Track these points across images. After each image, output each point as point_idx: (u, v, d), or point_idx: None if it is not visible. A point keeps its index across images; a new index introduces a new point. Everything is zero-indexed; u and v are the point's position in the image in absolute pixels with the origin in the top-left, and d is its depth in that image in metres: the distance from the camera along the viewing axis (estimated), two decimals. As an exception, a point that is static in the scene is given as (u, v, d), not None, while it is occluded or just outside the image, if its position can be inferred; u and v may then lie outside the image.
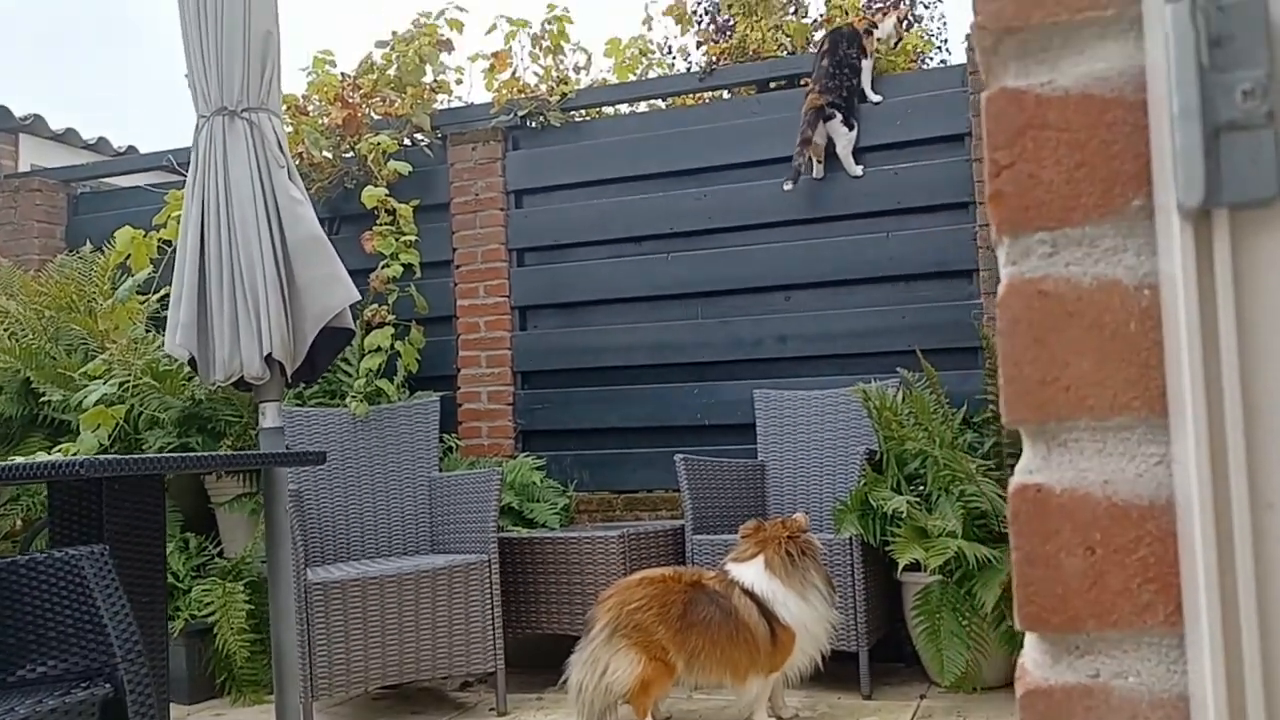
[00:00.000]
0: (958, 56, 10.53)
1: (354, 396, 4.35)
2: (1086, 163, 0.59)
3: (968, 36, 4.67)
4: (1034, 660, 0.61)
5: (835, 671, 3.48)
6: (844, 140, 4.38)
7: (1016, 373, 0.60)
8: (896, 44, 4.68)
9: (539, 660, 3.98)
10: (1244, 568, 0.51)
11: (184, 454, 4.06)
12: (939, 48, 11.44)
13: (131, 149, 6.65)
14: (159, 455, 3.29)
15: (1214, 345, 0.52)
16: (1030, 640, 0.61)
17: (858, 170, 4.39)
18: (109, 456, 2.98)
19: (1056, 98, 0.60)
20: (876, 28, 4.54)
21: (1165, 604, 0.57)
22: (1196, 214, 0.52)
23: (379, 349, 4.56)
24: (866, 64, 4.46)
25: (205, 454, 4.15)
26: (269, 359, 3.16)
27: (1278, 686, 0.51)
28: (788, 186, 4.42)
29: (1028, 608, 0.60)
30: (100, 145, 6.70)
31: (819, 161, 4.44)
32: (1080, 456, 0.59)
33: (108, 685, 1.93)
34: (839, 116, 4.37)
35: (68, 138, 6.47)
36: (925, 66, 6.12)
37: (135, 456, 2.53)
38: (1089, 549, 0.58)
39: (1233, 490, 0.51)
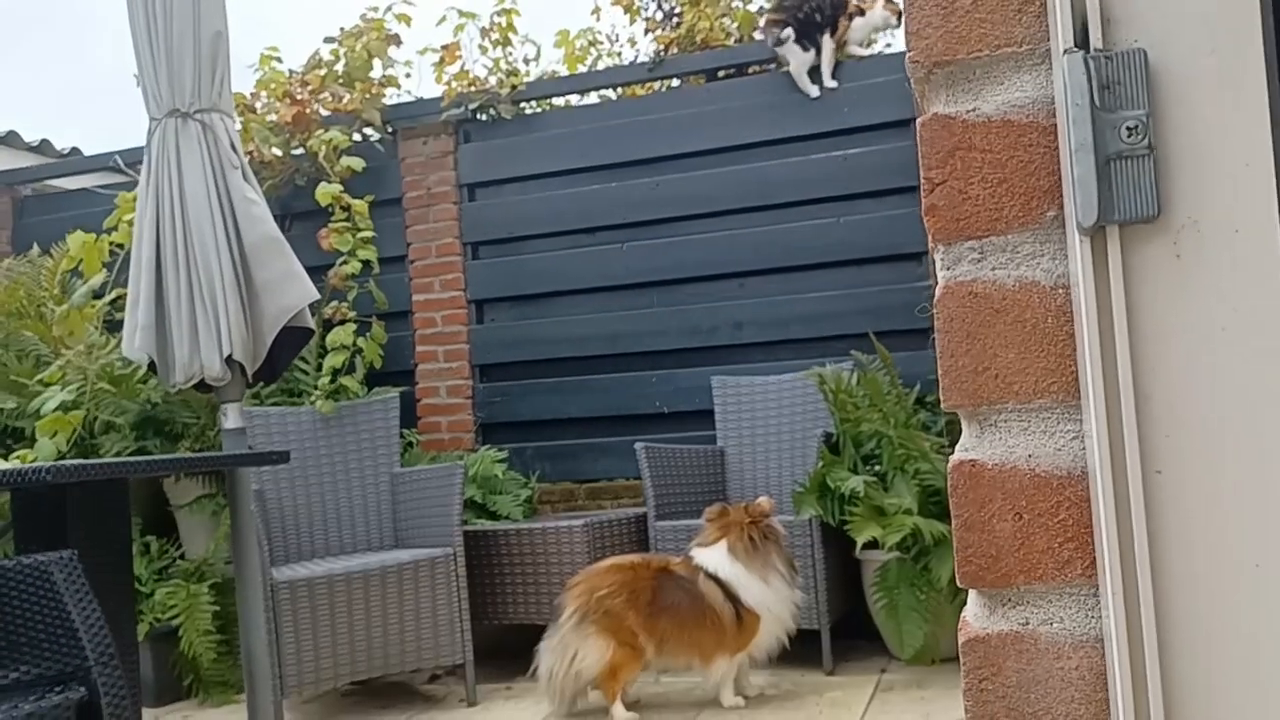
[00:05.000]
0: (902, 42, 10.64)
1: (319, 394, 4.36)
2: (1007, 180, 0.67)
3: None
4: (974, 613, 0.70)
5: (798, 649, 3.56)
6: (797, 59, 4.40)
7: (952, 364, 0.68)
8: (894, 21, 4.57)
9: (507, 650, 4.03)
10: (1139, 525, 0.59)
11: (149, 457, 4.03)
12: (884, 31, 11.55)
13: (75, 150, 6.56)
14: (124, 460, 3.28)
15: (1110, 338, 0.60)
16: (971, 596, 0.70)
17: (815, 91, 4.43)
18: (74, 462, 2.97)
19: (980, 123, 0.68)
20: (863, 14, 4.50)
21: (1082, 559, 0.65)
22: (1093, 230, 0.61)
23: (342, 346, 4.56)
24: (828, 41, 4.43)
25: (170, 456, 4.14)
26: (229, 360, 3.17)
27: (1169, 625, 0.59)
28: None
29: (966, 567, 0.68)
30: (43, 147, 6.59)
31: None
32: (1008, 435, 0.68)
33: (82, 689, 1.94)
34: (792, 35, 4.39)
35: (10, 140, 6.36)
36: (870, 52, 6.20)
37: (101, 461, 2.54)
38: (1017, 514, 0.67)
39: (1127, 459, 0.59)
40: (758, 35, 5.26)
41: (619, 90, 5.44)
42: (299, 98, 4.96)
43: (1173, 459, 0.60)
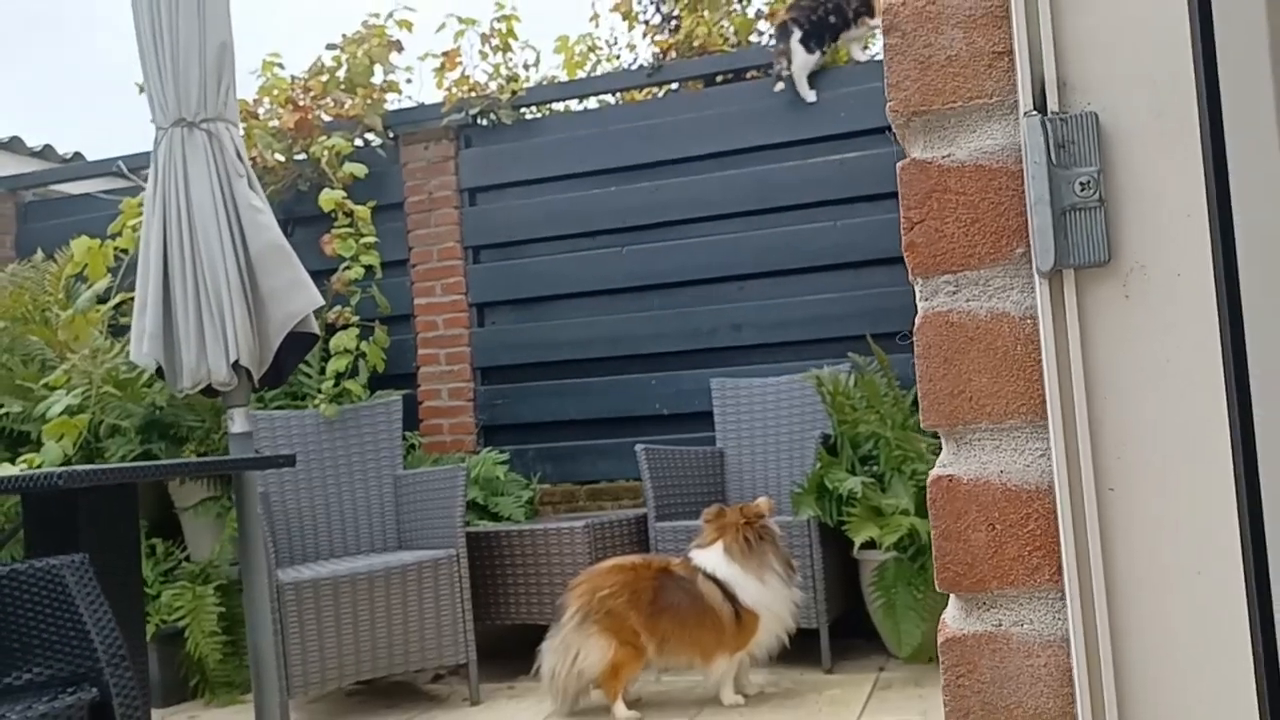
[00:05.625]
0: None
1: (323, 398, 4.41)
2: (979, 220, 0.74)
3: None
4: (952, 616, 0.76)
5: (798, 648, 3.60)
6: (799, 60, 4.48)
7: (931, 387, 0.75)
8: None
9: (509, 650, 4.07)
10: (1093, 536, 0.66)
11: (159, 462, 4.08)
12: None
13: (78, 155, 6.60)
14: (134, 464, 3.33)
15: (1067, 370, 0.68)
16: (950, 600, 0.76)
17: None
18: (85, 467, 3.02)
19: (955, 167, 0.74)
20: None
21: (1049, 566, 0.72)
22: (1051, 274, 0.69)
23: (345, 350, 4.61)
24: (874, 22, 4.48)
25: (179, 461, 4.18)
26: (235, 365, 3.21)
27: (1121, 626, 0.66)
28: (778, 88, 4.56)
29: (945, 574, 0.76)
30: (46, 153, 6.64)
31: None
32: (982, 452, 0.74)
33: (94, 689, 1.99)
34: (798, 34, 4.47)
35: (13, 145, 6.41)
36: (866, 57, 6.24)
37: (112, 466, 2.58)
38: (990, 525, 0.73)
39: (1083, 477, 0.67)
40: (755, 39, 5.31)
41: (618, 95, 5.48)
42: (301, 104, 5.01)
43: (1124, 478, 0.67)
